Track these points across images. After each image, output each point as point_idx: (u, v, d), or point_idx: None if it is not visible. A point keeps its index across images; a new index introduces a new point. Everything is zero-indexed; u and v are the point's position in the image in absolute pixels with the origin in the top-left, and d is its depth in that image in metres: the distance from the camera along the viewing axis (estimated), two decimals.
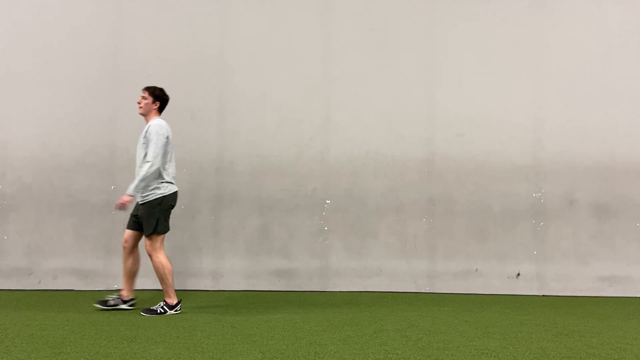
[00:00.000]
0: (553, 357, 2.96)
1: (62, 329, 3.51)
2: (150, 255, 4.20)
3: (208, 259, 5.45)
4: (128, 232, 4.27)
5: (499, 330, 3.61)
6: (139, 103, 4.38)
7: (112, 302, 4.26)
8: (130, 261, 4.28)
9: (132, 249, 4.27)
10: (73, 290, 5.31)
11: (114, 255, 5.41)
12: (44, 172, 5.46)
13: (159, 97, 4.40)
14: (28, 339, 3.22)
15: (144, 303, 4.47)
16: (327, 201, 5.48)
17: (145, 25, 5.60)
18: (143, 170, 4.10)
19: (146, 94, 4.37)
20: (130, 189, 4.11)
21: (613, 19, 5.64)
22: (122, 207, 4.11)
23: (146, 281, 5.21)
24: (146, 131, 4.25)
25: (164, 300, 4.18)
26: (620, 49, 5.61)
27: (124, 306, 4.28)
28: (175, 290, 5.33)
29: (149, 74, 5.57)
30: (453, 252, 5.47)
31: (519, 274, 5.45)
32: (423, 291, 5.42)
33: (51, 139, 5.49)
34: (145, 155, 4.16)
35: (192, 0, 5.64)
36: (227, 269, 5.45)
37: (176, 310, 4.14)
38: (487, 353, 3.01)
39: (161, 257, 4.20)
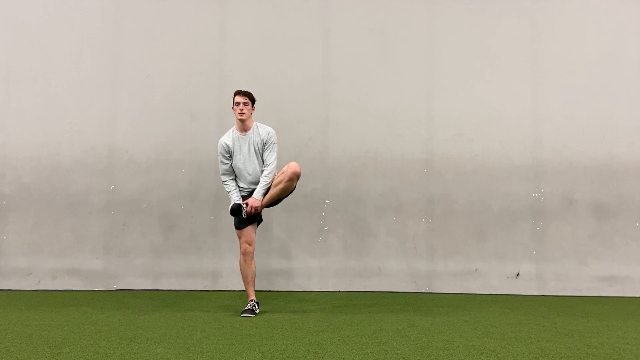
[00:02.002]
0: (552, 356, 2.96)
1: (61, 329, 3.51)
2: (297, 175, 4.18)
3: (207, 259, 5.45)
4: (248, 231, 4.23)
5: (498, 330, 3.61)
6: (241, 110, 4.19)
7: (256, 310, 4.16)
8: (253, 266, 4.26)
9: (254, 252, 4.25)
10: (72, 290, 5.31)
11: (113, 256, 5.41)
12: (43, 172, 5.46)
13: (254, 100, 4.32)
14: (27, 339, 3.22)
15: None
16: (327, 201, 5.48)
17: (145, 25, 5.60)
18: (269, 175, 4.17)
19: (246, 99, 4.22)
20: (258, 193, 4.16)
21: (613, 18, 5.64)
22: (255, 212, 4.14)
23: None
24: (266, 137, 4.22)
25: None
26: (620, 49, 5.62)
27: (258, 310, 4.20)
28: (175, 290, 5.36)
29: (148, 74, 5.57)
30: (452, 252, 5.47)
31: (518, 274, 5.45)
32: (422, 291, 5.42)
33: (50, 138, 5.49)
34: (263, 159, 4.22)
35: (192, 0, 5.64)
36: (227, 269, 5.45)
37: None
38: (486, 353, 3.01)
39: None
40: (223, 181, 4.35)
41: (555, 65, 5.61)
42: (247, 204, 4.15)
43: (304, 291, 5.37)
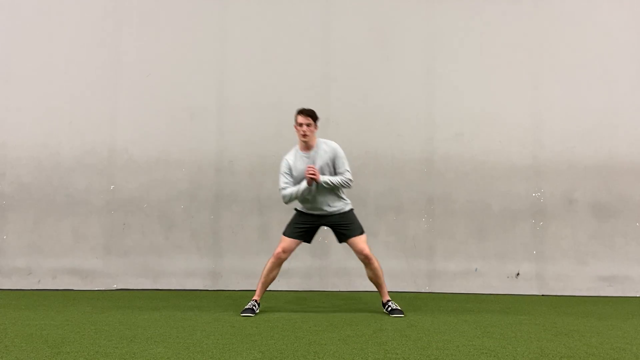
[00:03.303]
0: (552, 356, 2.96)
1: (61, 328, 3.51)
2: (370, 258, 4.12)
3: (207, 259, 5.45)
4: (291, 242, 4.17)
5: (498, 330, 3.61)
6: (304, 132, 4.09)
7: (256, 310, 4.13)
8: (276, 272, 4.21)
9: (284, 261, 4.20)
10: (72, 290, 5.31)
11: (113, 255, 5.41)
12: (43, 171, 5.46)
13: (317, 118, 4.19)
14: (27, 339, 3.22)
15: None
16: None
17: (145, 25, 5.60)
18: (346, 180, 4.11)
19: (309, 120, 4.11)
20: (325, 178, 4.04)
21: (612, 18, 5.64)
22: (314, 177, 3.98)
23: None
24: (333, 153, 4.13)
25: (389, 299, 4.21)
26: (619, 49, 5.62)
27: (258, 310, 4.16)
28: (175, 290, 5.36)
29: (148, 73, 5.57)
30: (452, 251, 5.47)
31: (518, 274, 5.45)
32: (422, 291, 5.42)
33: (50, 138, 5.49)
34: (340, 170, 4.14)
35: (192, 1, 5.64)
36: (227, 269, 5.45)
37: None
38: (486, 352, 3.01)
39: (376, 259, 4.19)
40: (283, 190, 4.10)
41: (555, 65, 5.61)
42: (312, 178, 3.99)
43: (304, 291, 5.37)
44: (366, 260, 4.16)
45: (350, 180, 4.14)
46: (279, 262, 4.18)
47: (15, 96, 5.52)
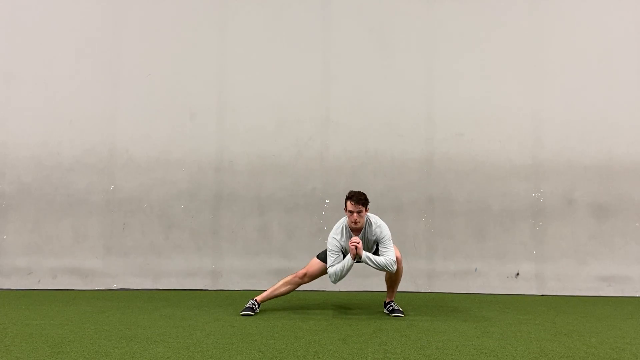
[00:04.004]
0: (552, 356, 2.97)
1: (61, 328, 3.51)
2: (400, 262, 4.05)
3: (207, 259, 5.46)
4: (319, 270, 4.14)
5: (498, 330, 3.62)
6: (355, 220, 3.95)
7: (256, 309, 4.11)
8: (289, 289, 4.20)
9: (301, 285, 4.18)
10: (72, 289, 5.31)
11: (113, 255, 5.42)
12: (43, 171, 5.46)
13: (368, 202, 4.05)
14: (27, 338, 3.22)
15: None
16: (327, 201, 5.48)
17: (144, 25, 5.60)
18: (390, 262, 3.93)
19: (360, 208, 3.95)
20: (367, 256, 3.91)
21: (612, 18, 5.64)
22: (355, 249, 3.90)
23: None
24: (379, 235, 4.02)
25: (393, 300, 4.22)
26: (619, 49, 5.62)
27: (257, 310, 4.14)
28: (175, 289, 5.36)
29: (148, 73, 5.57)
30: (452, 251, 5.48)
31: (518, 274, 5.46)
32: (422, 291, 5.42)
33: (50, 138, 5.49)
34: (384, 249, 4.01)
35: (192, 0, 5.64)
36: (227, 269, 5.45)
37: None
38: (486, 352, 3.01)
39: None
40: (330, 268, 3.99)
41: (555, 65, 5.62)
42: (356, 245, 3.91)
43: (304, 291, 5.37)
44: (299, 284, 4.20)
45: (394, 262, 3.96)
46: (297, 284, 4.19)
47: (15, 96, 5.52)
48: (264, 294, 4.22)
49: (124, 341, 3.17)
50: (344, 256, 4.02)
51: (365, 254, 3.93)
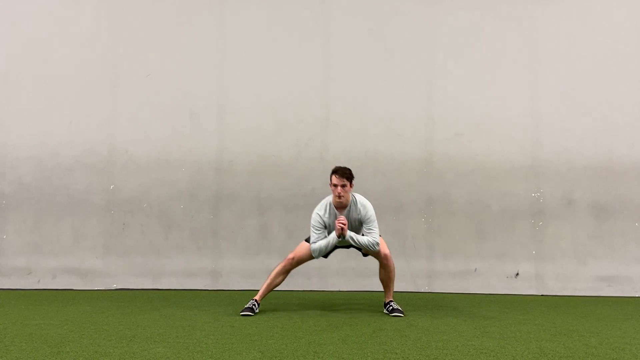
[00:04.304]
0: (552, 356, 2.97)
1: (61, 328, 3.51)
2: (389, 258, 4.12)
3: (207, 259, 5.46)
4: (305, 257, 4.14)
5: (497, 330, 3.62)
6: (339, 193, 3.99)
7: (256, 309, 4.12)
8: (282, 278, 4.20)
9: (292, 269, 4.18)
10: (72, 289, 5.31)
11: (113, 255, 5.42)
12: (43, 171, 5.46)
13: (353, 177, 4.11)
14: (27, 338, 3.22)
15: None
16: None
17: (144, 25, 5.61)
18: (372, 242, 4.02)
19: (344, 181, 4.01)
20: (350, 236, 4.00)
21: (613, 19, 5.65)
22: (341, 231, 3.98)
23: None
24: (364, 214, 4.09)
25: (392, 300, 4.21)
26: (619, 50, 5.62)
27: (257, 310, 4.15)
28: (175, 289, 5.36)
29: (148, 73, 5.58)
30: (452, 251, 5.48)
31: (517, 274, 5.46)
32: (422, 291, 5.43)
33: (50, 138, 5.49)
34: (368, 230, 4.09)
35: (192, 0, 5.64)
36: (226, 269, 5.45)
37: None
38: (485, 352, 3.01)
39: None
40: (314, 244, 4.07)
41: (555, 65, 5.62)
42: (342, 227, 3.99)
43: (303, 291, 5.37)
44: (384, 260, 4.16)
45: (376, 243, 4.04)
46: (287, 269, 4.19)
47: (15, 96, 5.52)
48: (261, 292, 4.22)
49: (124, 341, 3.17)
50: (328, 233, 4.07)
51: (349, 234, 4.01)
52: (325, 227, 4.11)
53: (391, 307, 4.16)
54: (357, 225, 4.16)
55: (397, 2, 5.68)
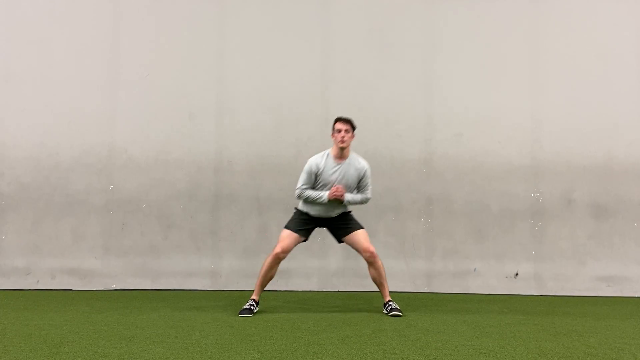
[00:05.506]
0: (551, 356, 2.97)
1: (60, 328, 3.51)
2: (375, 256, 4.17)
3: (206, 259, 5.45)
4: (292, 240, 4.18)
5: (497, 330, 3.62)
6: (343, 138, 4.07)
7: (254, 309, 4.13)
8: (274, 270, 4.21)
9: (282, 260, 4.20)
10: (71, 290, 5.31)
11: (112, 255, 5.41)
12: (42, 171, 5.46)
13: (355, 127, 4.20)
14: (26, 339, 3.22)
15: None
16: None
17: (144, 25, 5.60)
18: (366, 199, 4.22)
19: (348, 127, 4.11)
20: (349, 197, 4.13)
21: (612, 19, 5.65)
22: (338, 194, 4.07)
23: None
24: (362, 173, 4.17)
25: (390, 299, 4.22)
26: (619, 50, 5.62)
27: (256, 309, 4.16)
28: (174, 290, 5.36)
29: (147, 73, 5.57)
30: (451, 251, 5.48)
31: (517, 274, 5.46)
32: (421, 291, 5.43)
33: (49, 138, 5.48)
34: (364, 188, 4.21)
35: (191, 0, 5.64)
36: (226, 269, 5.45)
37: None
38: (485, 352, 3.02)
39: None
40: (303, 190, 4.15)
41: (554, 65, 5.62)
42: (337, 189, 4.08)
43: (303, 291, 5.37)
44: (371, 259, 4.18)
45: (369, 199, 4.26)
46: (277, 261, 4.19)
47: (14, 96, 5.51)
48: (256, 289, 4.21)
49: (123, 342, 3.17)
50: (320, 185, 4.13)
51: (346, 198, 4.12)
52: (317, 176, 4.13)
53: (390, 307, 4.16)
54: (353, 180, 4.17)
55: (397, 2, 5.68)
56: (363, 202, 4.25)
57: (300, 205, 4.28)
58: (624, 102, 5.58)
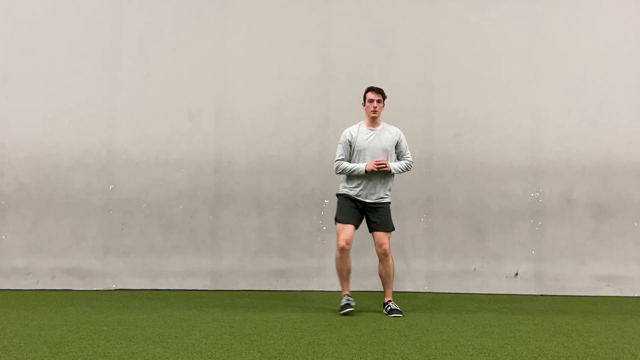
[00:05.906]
0: (551, 356, 2.97)
1: (60, 328, 3.51)
2: (387, 255, 4.22)
3: (206, 259, 5.45)
4: (349, 229, 4.19)
5: (497, 330, 3.62)
6: (375, 108, 4.23)
7: (352, 304, 4.19)
8: (348, 261, 4.24)
9: (349, 250, 4.21)
10: (71, 290, 5.31)
11: (112, 255, 5.41)
12: (42, 171, 5.46)
13: (386, 97, 4.34)
14: (26, 339, 3.22)
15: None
16: (326, 201, 5.48)
17: (143, 25, 5.60)
18: (409, 163, 4.35)
19: (379, 97, 4.26)
20: (394, 165, 4.23)
21: (612, 19, 5.65)
22: (381, 166, 4.12)
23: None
24: (399, 136, 4.34)
25: (391, 300, 4.24)
26: (619, 50, 5.62)
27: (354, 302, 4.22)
28: (174, 290, 5.36)
29: (147, 73, 5.57)
30: (451, 251, 5.48)
31: (517, 274, 5.46)
32: (421, 291, 5.43)
33: (49, 138, 5.48)
34: (403, 153, 4.35)
35: (191, 0, 5.64)
36: (226, 269, 5.45)
37: None
38: (485, 352, 3.02)
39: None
40: (340, 162, 4.23)
41: (554, 65, 5.62)
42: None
43: (303, 291, 5.37)
44: (382, 256, 4.24)
45: (412, 163, 4.39)
46: (345, 253, 4.20)
47: (14, 96, 5.51)
48: (342, 287, 4.28)
49: (123, 342, 3.17)
50: (355, 152, 4.20)
51: (391, 166, 4.19)
52: (351, 145, 4.23)
53: (390, 308, 4.17)
54: (390, 144, 4.27)
55: (397, 2, 5.67)
56: (408, 168, 4.32)
57: (341, 187, 4.31)
58: (624, 102, 5.57)
